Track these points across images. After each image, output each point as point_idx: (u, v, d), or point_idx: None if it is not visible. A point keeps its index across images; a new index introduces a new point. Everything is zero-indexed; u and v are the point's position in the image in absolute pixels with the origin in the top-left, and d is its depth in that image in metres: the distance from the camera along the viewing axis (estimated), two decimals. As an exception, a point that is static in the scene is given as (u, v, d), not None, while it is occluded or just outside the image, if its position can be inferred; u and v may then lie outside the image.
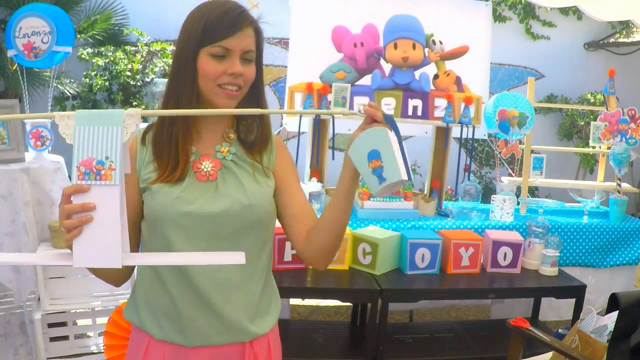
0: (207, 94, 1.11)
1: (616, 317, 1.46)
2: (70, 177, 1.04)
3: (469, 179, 2.96)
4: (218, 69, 1.09)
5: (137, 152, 1.14)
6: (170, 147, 1.12)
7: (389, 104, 2.80)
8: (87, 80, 4.08)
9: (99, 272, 1.15)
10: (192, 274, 1.12)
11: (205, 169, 1.14)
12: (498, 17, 5.38)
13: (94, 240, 0.96)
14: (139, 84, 4.11)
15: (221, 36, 1.08)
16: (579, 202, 3.23)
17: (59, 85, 4.09)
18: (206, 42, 1.08)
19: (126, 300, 1.27)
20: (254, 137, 1.20)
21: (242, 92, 1.14)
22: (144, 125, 1.20)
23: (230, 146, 1.18)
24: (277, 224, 1.26)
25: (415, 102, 2.82)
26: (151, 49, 4.26)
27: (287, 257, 2.29)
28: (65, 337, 2.61)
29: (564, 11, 5.54)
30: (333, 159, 2.78)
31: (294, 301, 3.29)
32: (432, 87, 2.91)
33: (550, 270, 2.53)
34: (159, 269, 1.14)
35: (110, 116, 0.95)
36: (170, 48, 4.20)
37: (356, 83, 2.86)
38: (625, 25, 5.58)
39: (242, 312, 1.16)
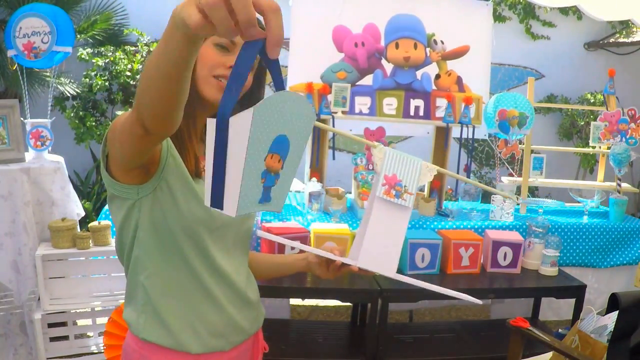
0: (199, 81, 1.06)
1: (616, 317, 1.46)
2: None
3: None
4: (219, 59, 1.05)
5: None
6: (190, 142, 1.08)
7: (390, 104, 2.80)
8: (87, 80, 4.08)
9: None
10: (222, 266, 1.12)
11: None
12: (498, 17, 5.38)
13: (381, 248, 1.12)
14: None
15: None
16: (579, 202, 3.23)
17: (59, 85, 4.09)
18: None
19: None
20: None
21: None
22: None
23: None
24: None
25: (417, 102, 2.81)
26: (151, 49, 4.26)
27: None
28: (65, 337, 2.61)
29: (564, 11, 5.54)
30: (333, 159, 2.78)
31: (294, 301, 3.28)
32: (434, 87, 2.90)
33: (550, 270, 2.53)
34: (202, 274, 1.09)
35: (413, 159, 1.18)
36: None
37: (357, 83, 2.85)
38: (625, 25, 5.58)
39: (256, 292, 1.24)
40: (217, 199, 0.68)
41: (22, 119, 2.65)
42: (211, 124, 0.67)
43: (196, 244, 1.08)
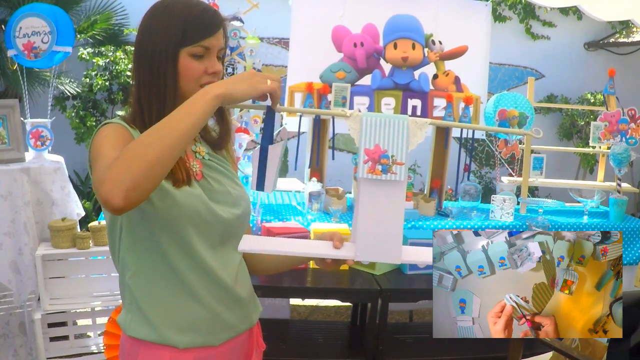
0: (188, 94, 1.08)
1: (616, 317, 1.46)
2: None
3: (468, 179, 2.95)
4: (200, 68, 1.10)
5: None
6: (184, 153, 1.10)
7: (388, 104, 2.80)
8: (87, 80, 4.08)
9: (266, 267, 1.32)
10: (207, 262, 1.11)
11: (195, 169, 1.14)
12: (498, 17, 5.38)
13: (378, 235, 0.97)
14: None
15: (203, 36, 1.09)
16: (579, 202, 3.23)
17: (59, 85, 4.09)
18: (187, 42, 1.08)
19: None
20: (214, 133, 1.23)
21: None
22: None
23: (201, 145, 1.19)
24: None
25: (414, 102, 2.82)
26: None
27: (287, 257, 2.29)
28: (65, 337, 2.62)
29: (564, 11, 5.54)
30: (333, 159, 2.77)
31: (294, 301, 3.28)
32: (431, 87, 2.90)
33: (550, 270, 2.52)
34: (182, 271, 1.10)
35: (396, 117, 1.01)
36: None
37: (356, 83, 2.85)
38: (625, 25, 5.58)
39: (247, 289, 1.22)
40: (260, 186, 1.05)
41: (22, 118, 2.65)
42: (256, 151, 1.05)
43: (178, 240, 1.09)
